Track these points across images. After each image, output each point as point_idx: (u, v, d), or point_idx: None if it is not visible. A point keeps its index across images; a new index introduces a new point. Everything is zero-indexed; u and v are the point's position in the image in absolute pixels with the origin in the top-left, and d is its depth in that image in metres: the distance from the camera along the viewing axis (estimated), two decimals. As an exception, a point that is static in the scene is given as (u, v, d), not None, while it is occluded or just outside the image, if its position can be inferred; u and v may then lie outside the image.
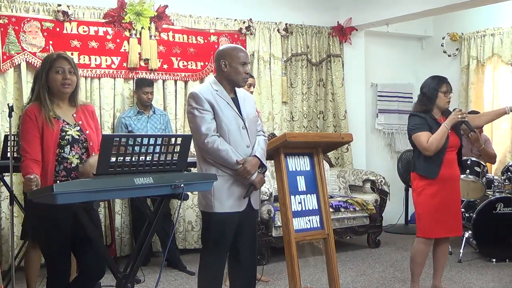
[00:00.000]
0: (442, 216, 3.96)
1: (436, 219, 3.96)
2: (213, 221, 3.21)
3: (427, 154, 3.94)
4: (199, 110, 3.17)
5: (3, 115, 5.03)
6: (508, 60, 6.89)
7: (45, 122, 2.83)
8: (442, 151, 3.94)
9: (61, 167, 2.87)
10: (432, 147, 3.90)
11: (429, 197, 3.97)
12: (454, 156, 4.04)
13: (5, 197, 4.98)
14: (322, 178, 3.75)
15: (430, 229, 4.00)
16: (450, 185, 3.99)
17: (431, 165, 3.95)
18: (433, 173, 3.94)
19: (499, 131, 7.05)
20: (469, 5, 6.19)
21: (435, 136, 3.91)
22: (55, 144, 2.84)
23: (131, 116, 5.25)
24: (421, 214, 4.05)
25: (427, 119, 3.98)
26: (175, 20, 5.83)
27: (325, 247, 3.72)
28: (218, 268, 3.28)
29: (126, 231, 5.59)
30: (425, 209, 4.01)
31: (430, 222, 3.98)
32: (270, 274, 4.88)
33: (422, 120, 3.98)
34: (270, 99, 6.44)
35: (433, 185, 3.95)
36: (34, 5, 5.17)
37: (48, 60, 2.94)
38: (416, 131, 3.98)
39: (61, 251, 2.88)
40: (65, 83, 2.91)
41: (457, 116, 3.95)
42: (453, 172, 4.02)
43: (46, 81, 2.90)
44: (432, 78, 4.09)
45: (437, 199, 3.95)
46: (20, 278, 4.59)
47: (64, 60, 2.92)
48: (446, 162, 3.95)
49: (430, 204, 3.97)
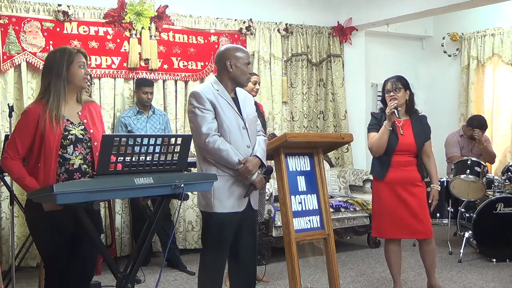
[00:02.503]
0: (397, 218, 3.94)
1: (390, 220, 3.96)
2: (213, 221, 3.21)
3: (372, 154, 4.01)
4: (200, 109, 3.17)
5: (3, 115, 5.03)
6: (508, 60, 6.90)
7: (48, 122, 2.74)
8: (388, 153, 3.92)
9: (63, 169, 2.79)
10: (372, 147, 3.96)
11: (380, 197, 4.00)
12: (407, 159, 3.95)
13: (5, 197, 4.97)
14: (323, 178, 3.75)
15: (386, 230, 4.02)
16: (403, 188, 3.93)
17: (379, 166, 3.99)
18: (381, 174, 3.96)
19: (499, 131, 7.05)
20: (469, 5, 6.20)
21: (375, 136, 3.93)
22: (58, 145, 2.77)
23: (130, 116, 5.25)
24: (375, 215, 4.11)
25: (381, 120, 3.98)
26: (175, 20, 5.83)
27: (325, 247, 3.72)
28: (218, 268, 3.28)
29: (126, 231, 5.59)
30: (376, 209, 4.07)
31: (385, 223, 4.00)
32: (271, 274, 4.88)
33: (375, 120, 4.03)
34: (270, 99, 6.44)
35: (383, 186, 3.97)
36: (34, 5, 5.17)
37: (67, 54, 2.84)
38: (368, 131, 4.05)
39: (61, 252, 2.88)
40: (86, 78, 2.91)
41: (387, 111, 3.89)
42: (406, 175, 3.94)
43: (66, 75, 2.82)
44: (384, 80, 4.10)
45: (387, 201, 3.95)
46: (20, 278, 4.60)
47: (83, 55, 2.90)
48: (395, 164, 3.93)
49: (381, 204, 4.00)
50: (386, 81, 4.03)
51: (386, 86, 4.00)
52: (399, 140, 3.91)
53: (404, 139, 3.92)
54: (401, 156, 3.94)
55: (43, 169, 2.74)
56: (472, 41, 7.24)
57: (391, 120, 3.88)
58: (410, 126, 3.98)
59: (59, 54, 2.86)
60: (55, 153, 2.76)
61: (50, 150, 2.74)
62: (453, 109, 7.43)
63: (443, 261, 5.37)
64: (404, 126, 3.96)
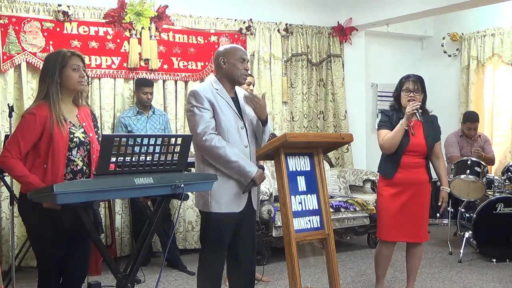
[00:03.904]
0: (399, 220, 3.86)
1: (392, 222, 3.87)
2: (211, 221, 3.21)
3: (383, 152, 3.93)
4: (199, 108, 3.17)
5: (3, 115, 5.03)
6: (508, 60, 6.90)
7: (56, 124, 2.77)
8: (399, 153, 3.84)
9: (68, 170, 2.84)
10: (385, 145, 3.86)
11: (386, 199, 3.90)
12: (416, 160, 3.89)
13: (5, 197, 4.97)
14: (323, 178, 3.74)
15: (387, 232, 3.92)
16: (410, 190, 3.86)
17: (388, 165, 3.91)
18: (389, 174, 3.88)
19: (499, 131, 7.05)
20: (469, 5, 6.20)
21: (389, 134, 3.84)
22: (66, 147, 2.81)
23: (130, 116, 5.25)
24: (379, 216, 4.01)
25: (392, 117, 3.92)
26: (175, 20, 5.83)
27: (325, 247, 3.72)
28: (217, 268, 3.28)
29: (126, 231, 5.59)
30: (382, 211, 3.95)
31: (387, 225, 3.90)
32: (271, 274, 4.89)
33: (386, 118, 3.95)
34: (270, 99, 6.44)
35: (391, 186, 3.88)
36: (34, 5, 5.17)
37: (61, 57, 2.86)
38: (379, 128, 3.98)
39: (57, 252, 2.87)
40: (81, 81, 2.90)
41: (408, 110, 3.79)
42: (413, 177, 3.87)
43: (59, 78, 2.84)
44: (402, 77, 4.01)
45: (395, 203, 3.86)
46: (20, 278, 4.60)
47: (78, 57, 2.91)
48: (404, 165, 3.85)
49: (387, 206, 3.89)
50: (406, 78, 3.92)
51: (406, 84, 3.89)
52: (410, 140, 3.84)
53: (415, 140, 3.86)
54: (411, 157, 3.86)
55: (51, 170, 2.77)
56: (472, 41, 7.25)
57: (409, 120, 3.82)
58: (421, 127, 3.91)
59: (53, 57, 2.89)
60: (63, 155, 2.80)
61: (58, 152, 2.78)
62: (453, 109, 7.43)
63: (443, 261, 5.38)
64: (415, 127, 3.89)
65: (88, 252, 3.07)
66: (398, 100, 3.97)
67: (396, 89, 3.99)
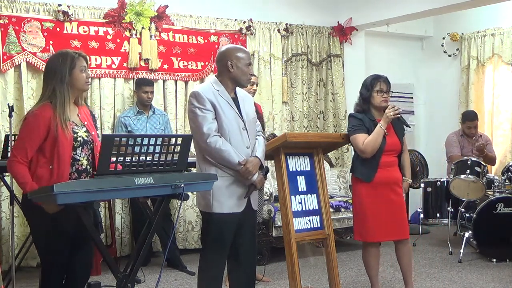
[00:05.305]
0: (382, 219, 3.82)
1: (376, 222, 3.83)
2: (213, 221, 3.20)
3: (364, 157, 3.82)
4: (201, 109, 3.17)
5: (3, 115, 5.03)
6: (508, 60, 6.90)
7: (60, 125, 2.78)
8: (378, 154, 3.80)
9: (73, 169, 2.85)
10: (368, 148, 3.77)
11: (364, 200, 3.85)
12: (392, 159, 3.88)
13: (5, 197, 4.97)
14: (323, 178, 3.75)
15: (373, 233, 3.87)
16: (388, 188, 3.84)
17: (367, 168, 3.84)
18: (369, 176, 3.82)
19: (499, 131, 7.05)
20: (469, 5, 6.20)
21: (370, 137, 3.78)
22: (71, 147, 2.82)
23: (130, 116, 5.25)
24: (359, 218, 3.93)
25: (364, 120, 3.86)
26: (175, 20, 5.83)
27: (325, 247, 3.72)
28: (218, 269, 3.28)
29: (126, 231, 5.60)
30: (360, 211, 3.90)
31: (371, 226, 3.85)
32: (271, 274, 4.88)
33: (359, 121, 3.87)
34: (270, 99, 6.44)
35: (368, 188, 3.83)
36: (34, 5, 5.17)
37: (70, 58, 2.88)
38: (353, 132, 3.85)
39: (60, 253, 2.88)
40: (88, 81, 2.97)
41: (389, 114, 3.76)
42: (390, 175, 3.86)
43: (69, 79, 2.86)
44: (370, 77, 3.95)
45: (372, 203, 3.82)
46: (20, 278, 4.60)
47: (84, 59, 2.94)
48: (383, 165, 3.83)
49: (365, 207, 3.84)
50: (377, 79, 3.88)
51: (380, 85, 3.86)
52: (386, 140, 3.82)
53: (389, 139, 3.84)
54: (388, 157, 3.85)
55: (57, 171, 2.78)
56: (472, 41, 7.24)
57: (388, 122, 3.79)
58: (390, 125, 3.87)
59: (61, 59, 2.89)
60: (68, 155, 2.81)
61: (64, 152, 2.79)
62: (453, 109, 7.42)
63: (443, 261, 5.38)
64: (387, 126, 3.86)
65: (91, 253, 3.08)
66: (368, 101, 3.92)
67: (367, 89, 3.91)
